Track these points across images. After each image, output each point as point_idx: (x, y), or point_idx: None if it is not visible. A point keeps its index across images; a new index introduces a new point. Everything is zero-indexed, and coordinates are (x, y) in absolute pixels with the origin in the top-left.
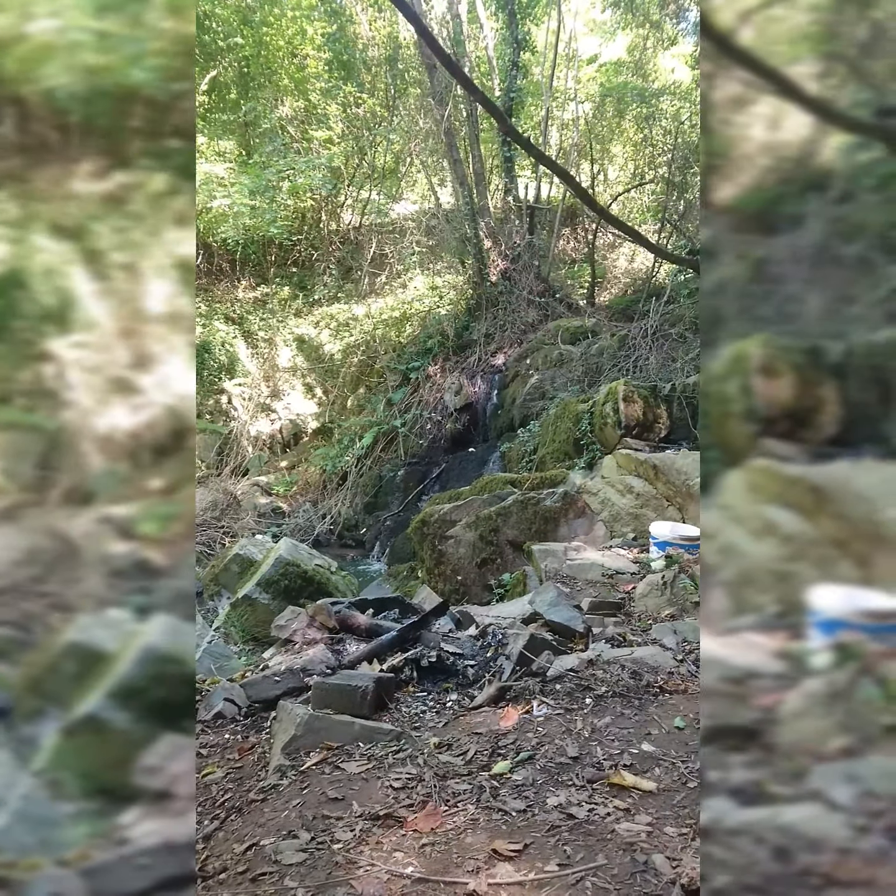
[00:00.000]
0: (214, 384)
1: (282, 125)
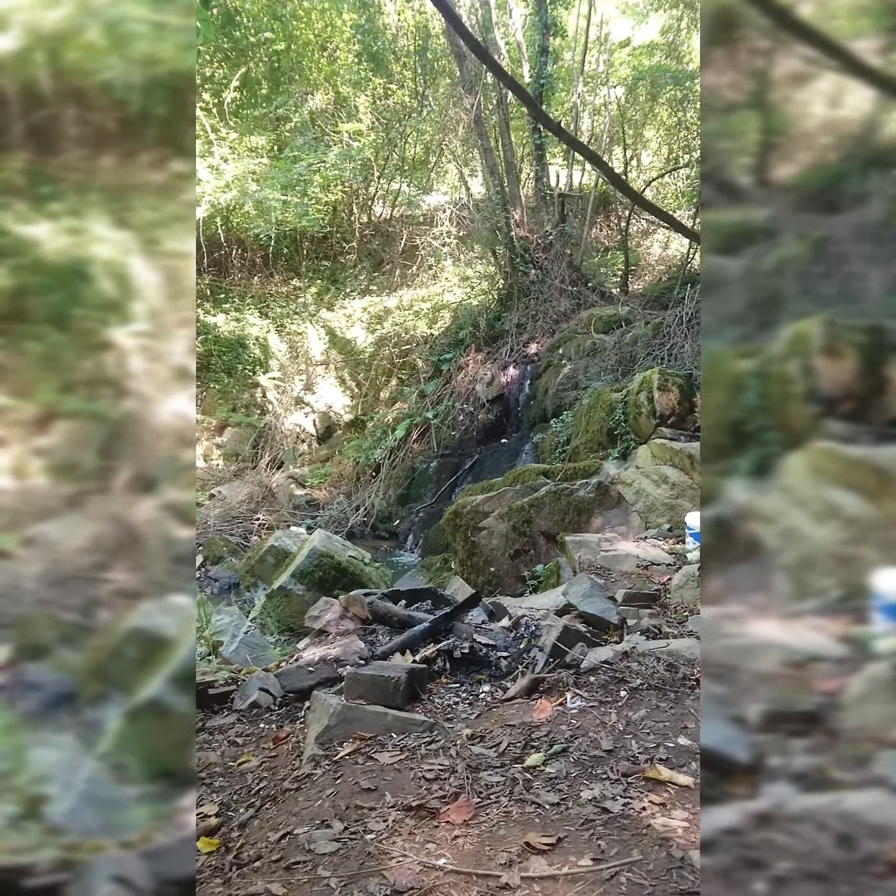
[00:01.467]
0: (249, 378)
1: (312, 119)
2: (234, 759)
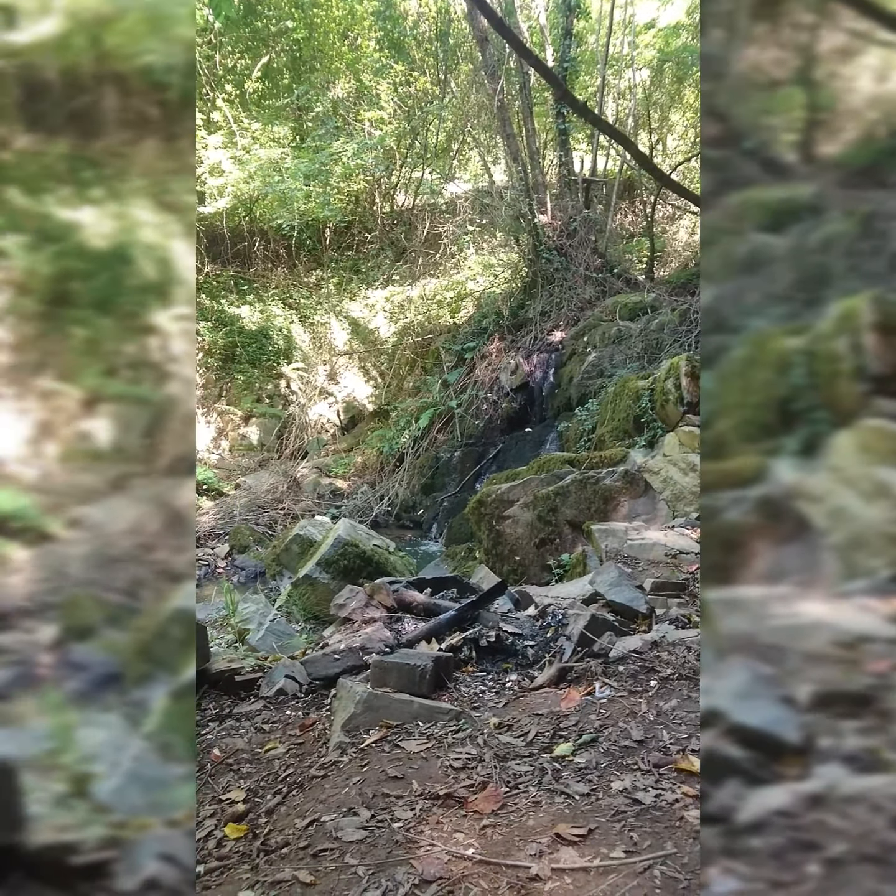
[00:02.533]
0: (273, 369)
1: (334, 107)
2: (261, 746)
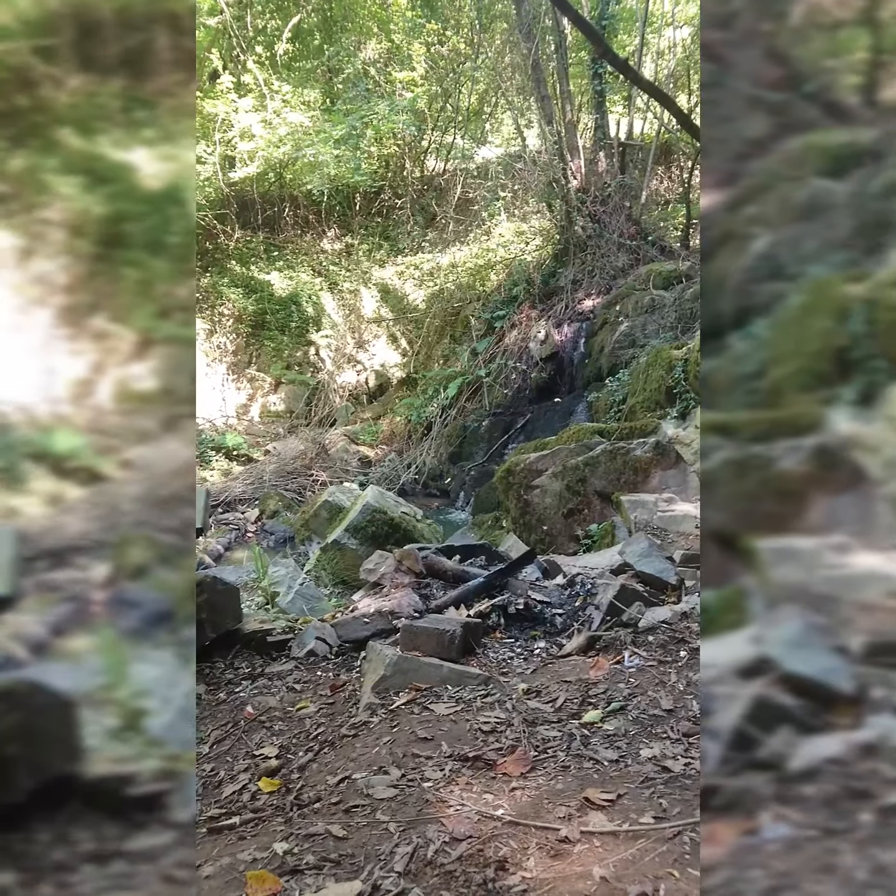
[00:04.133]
0: (302, 336)
1: (365, 69)
2: (293, 705)
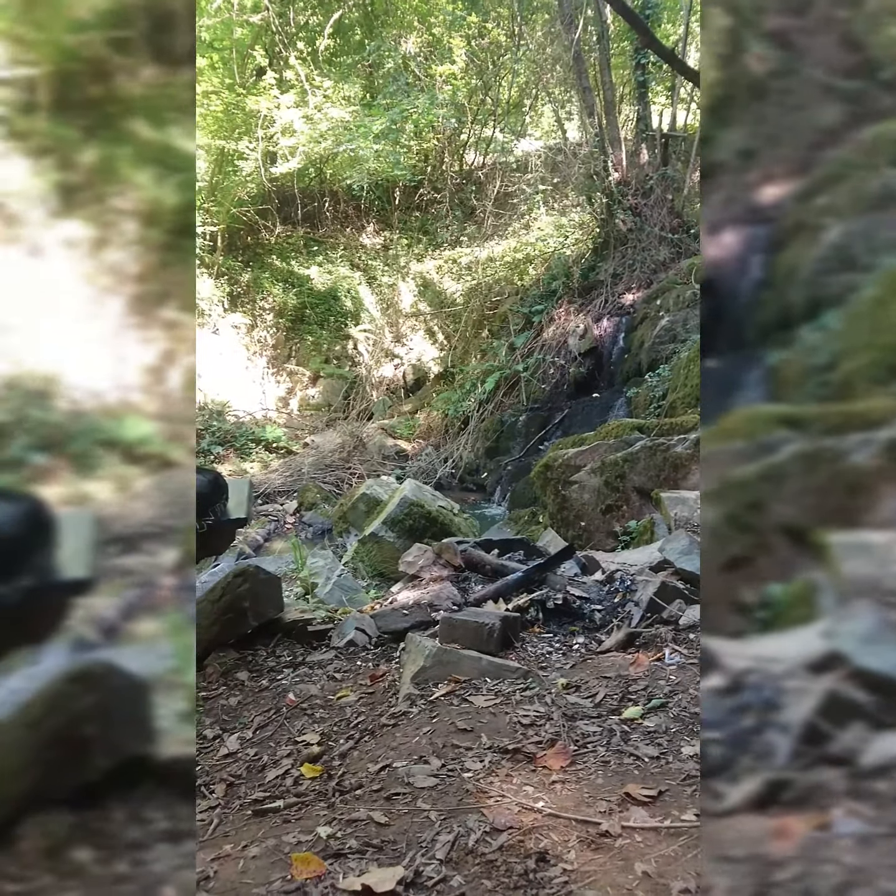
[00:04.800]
0: (341, 330)
1: (405, 63)
2: (333, 693)
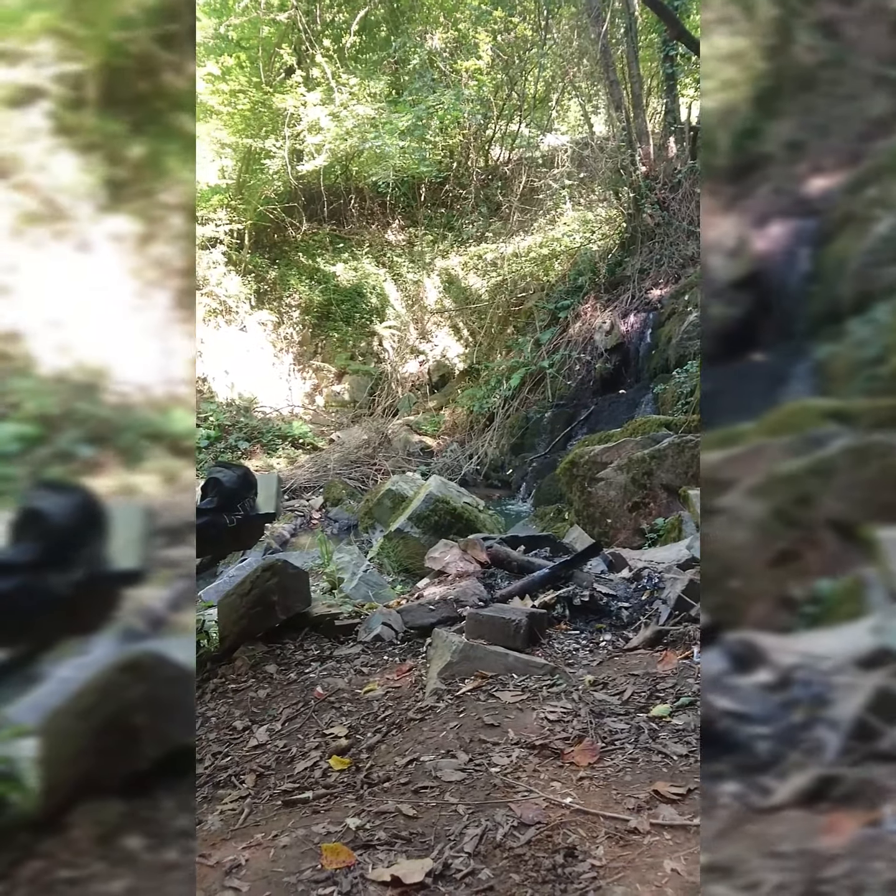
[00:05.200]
0: (366, 326)
1: (431, 60)
2: (360, 687)
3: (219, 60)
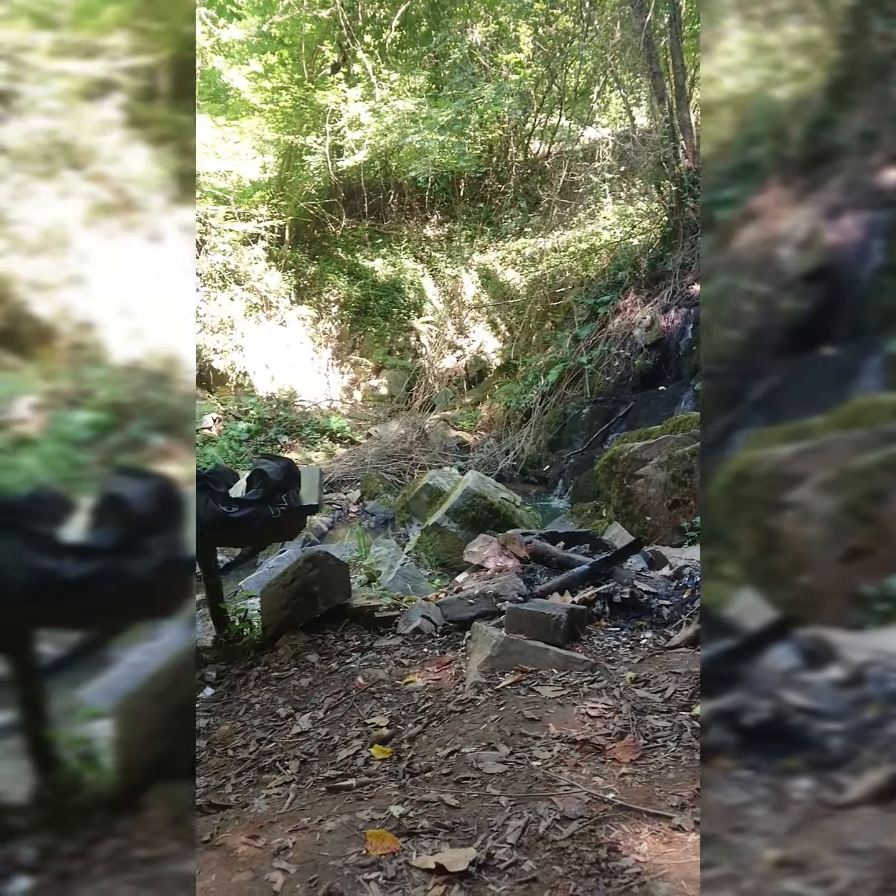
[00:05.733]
0: (404, 322)
1: (471, 54)
2: (401, 678)
3: (262, 58)
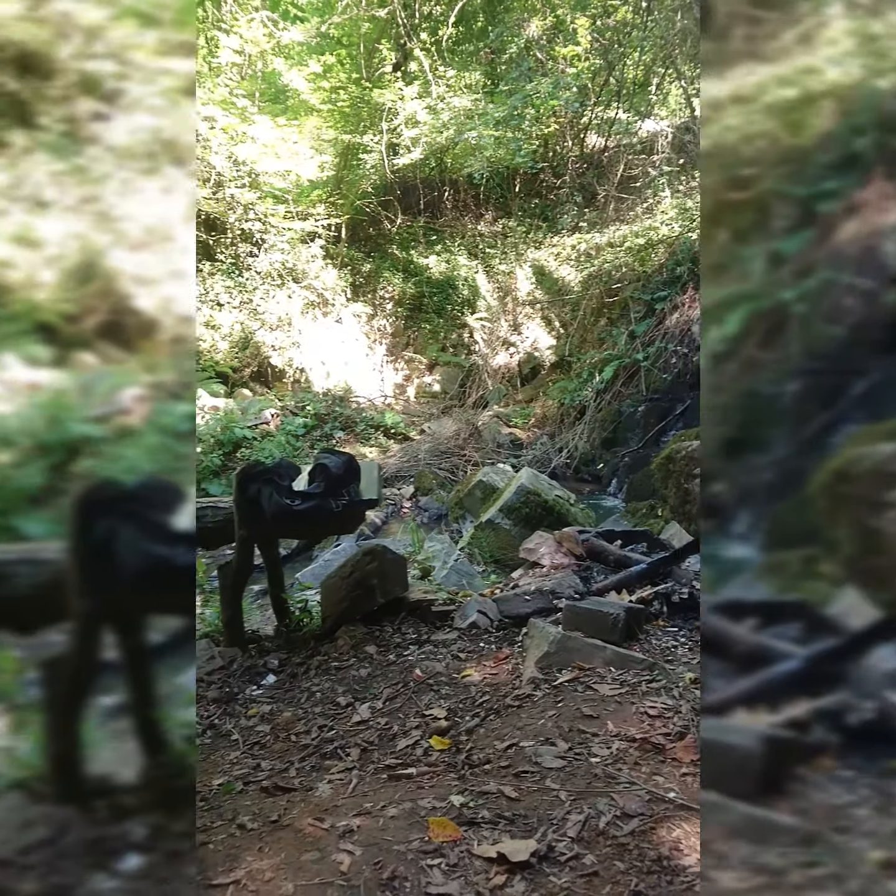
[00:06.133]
0: (458, 318)
1: (528, 48)
2: (458, 672)
3: (320, 59)
